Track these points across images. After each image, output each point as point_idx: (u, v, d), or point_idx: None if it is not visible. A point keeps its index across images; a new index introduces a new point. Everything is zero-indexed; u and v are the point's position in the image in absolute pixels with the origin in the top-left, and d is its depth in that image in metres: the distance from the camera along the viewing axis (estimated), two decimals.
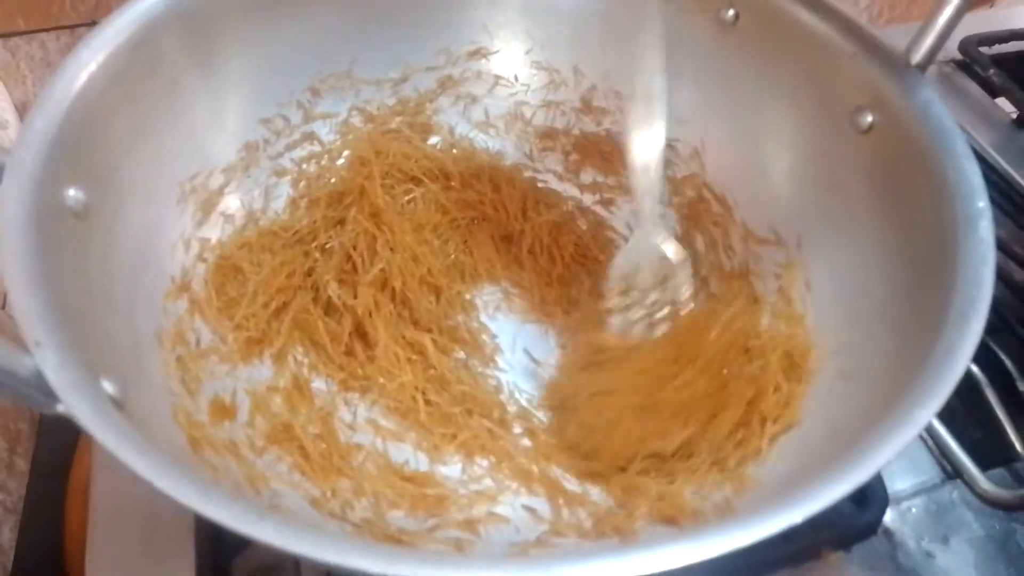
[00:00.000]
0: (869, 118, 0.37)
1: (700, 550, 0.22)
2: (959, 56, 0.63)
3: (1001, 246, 0.43)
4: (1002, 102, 0.62)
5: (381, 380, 0.38)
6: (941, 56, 0.41)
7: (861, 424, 0.31)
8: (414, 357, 0.39)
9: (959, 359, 0.27)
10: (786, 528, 0.22)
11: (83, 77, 0.32)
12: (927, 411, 0.25)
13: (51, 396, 0.23)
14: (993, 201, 0.31)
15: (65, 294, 0.27)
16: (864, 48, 0.37)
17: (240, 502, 0.23)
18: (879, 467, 0.24)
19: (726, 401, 0.35)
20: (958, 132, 0.34)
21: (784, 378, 0.35)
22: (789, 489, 0.25)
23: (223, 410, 0.34)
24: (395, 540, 0.31)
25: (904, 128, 0.35)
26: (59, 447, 0.44)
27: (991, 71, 0.61)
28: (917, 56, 0.36)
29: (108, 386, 0.26)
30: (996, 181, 0.54)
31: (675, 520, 0.31)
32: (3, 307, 0.47)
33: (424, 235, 0.43)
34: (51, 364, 0.23)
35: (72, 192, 0.30)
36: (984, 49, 0.63)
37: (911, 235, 0.34)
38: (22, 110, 0.54)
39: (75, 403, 0.23)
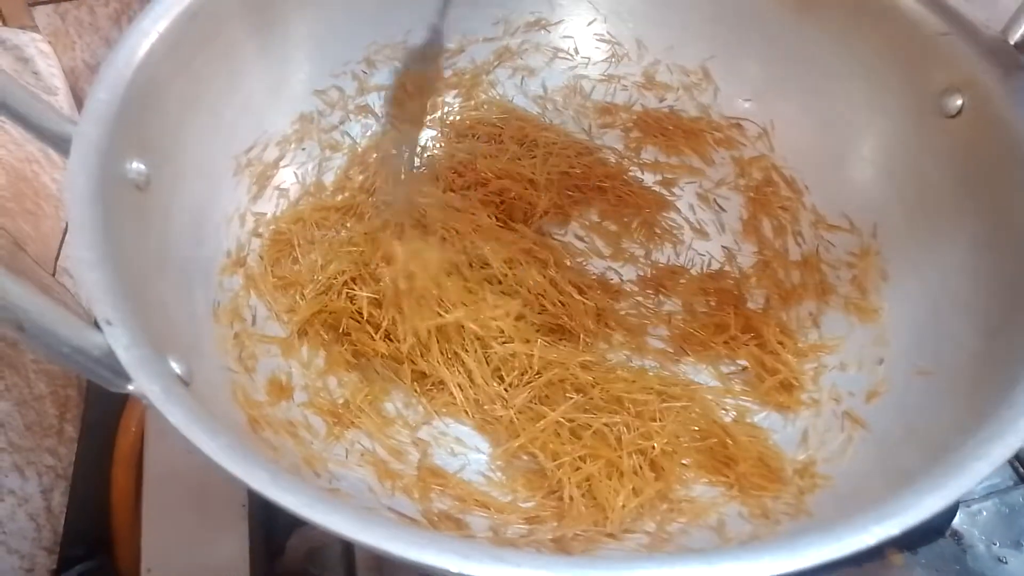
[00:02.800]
0: (959, 101, 0.34)
1: (790, 562, 0.21)
2: None
3: None
4: None
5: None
6: None
7: (941, 424, 0.29)
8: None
9: None
10: (882, 541, 0.21)
11: (144, 48, 0.31)
12: None
13: (121, 375, 0.23)
14: None
15: (128, 270, 0.27)
16: (956, 25, 0.35)
17: (309, 489, 0.22)
18: (980, 478, 0.23)
19: None
20: None
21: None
22: (876, 495, 0.24)
23: (280, 389, 0.34)
24: (454, 527, 0.30)
25: (997, 112, 0.33)
26: (106, 413, 0.44)
27: None
28: (1016, 35, 0.33)
29: (175, 365, 0.25)
30: None
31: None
32: (53, 274, 0.47)
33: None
34: (122, 343, 0.23)
35: (134, 164, 0.30)
36: None
37: (1000, 227, 0.32)
38: (71, 76, 0.54)
39: (146, 383, 0.22)
